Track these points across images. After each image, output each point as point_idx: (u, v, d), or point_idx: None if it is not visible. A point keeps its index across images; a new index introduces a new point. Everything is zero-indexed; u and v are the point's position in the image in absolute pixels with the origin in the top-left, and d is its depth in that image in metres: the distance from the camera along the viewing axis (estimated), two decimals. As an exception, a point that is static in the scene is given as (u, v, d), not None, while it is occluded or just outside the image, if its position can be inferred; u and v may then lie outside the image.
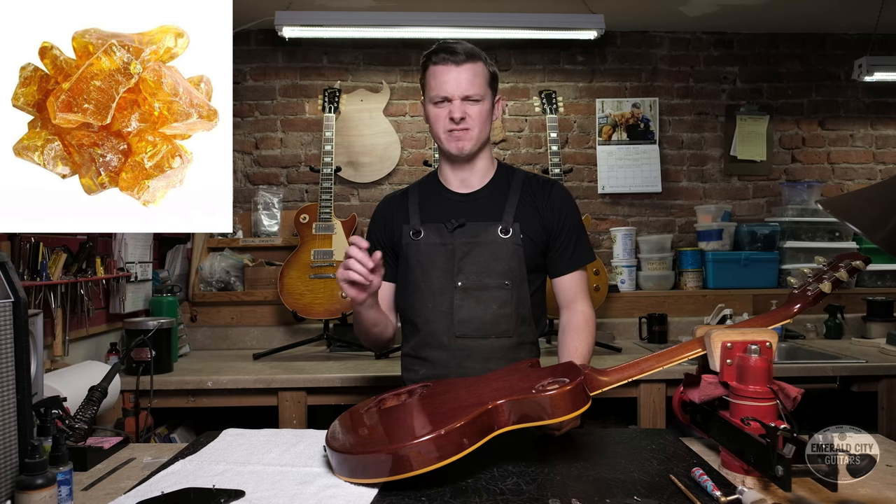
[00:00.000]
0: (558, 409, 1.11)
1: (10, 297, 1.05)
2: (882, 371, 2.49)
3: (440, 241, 1.56)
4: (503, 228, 1.55)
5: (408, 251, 1.59)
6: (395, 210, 1.66)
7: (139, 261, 2.60)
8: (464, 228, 1.56)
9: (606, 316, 3.18)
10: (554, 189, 1.64)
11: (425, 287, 1.56)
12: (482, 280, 1.54)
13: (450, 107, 1.53)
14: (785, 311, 1.29)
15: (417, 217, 1.61)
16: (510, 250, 1.55)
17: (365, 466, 1.09)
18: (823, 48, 3.50)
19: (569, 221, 1.62)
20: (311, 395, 2.42)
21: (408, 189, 1.72)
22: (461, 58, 1.52)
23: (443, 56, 1.52)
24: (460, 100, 1.52)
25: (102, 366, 1.99)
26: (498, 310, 1.53)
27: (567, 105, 3.40)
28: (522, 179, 1.65)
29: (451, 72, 1.52)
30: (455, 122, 1.53)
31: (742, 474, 1.12)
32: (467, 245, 1.55)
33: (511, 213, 1.57)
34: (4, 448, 1.01)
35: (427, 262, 1.56)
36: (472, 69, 1.53)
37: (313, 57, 3.36)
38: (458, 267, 1.54)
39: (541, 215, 1.60)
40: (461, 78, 1.52)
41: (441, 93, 1.53)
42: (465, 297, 1.53)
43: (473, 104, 1.54)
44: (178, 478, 1.15)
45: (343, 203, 3.34)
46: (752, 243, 3.25)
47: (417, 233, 1.59)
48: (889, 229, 1.20)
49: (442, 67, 1.52)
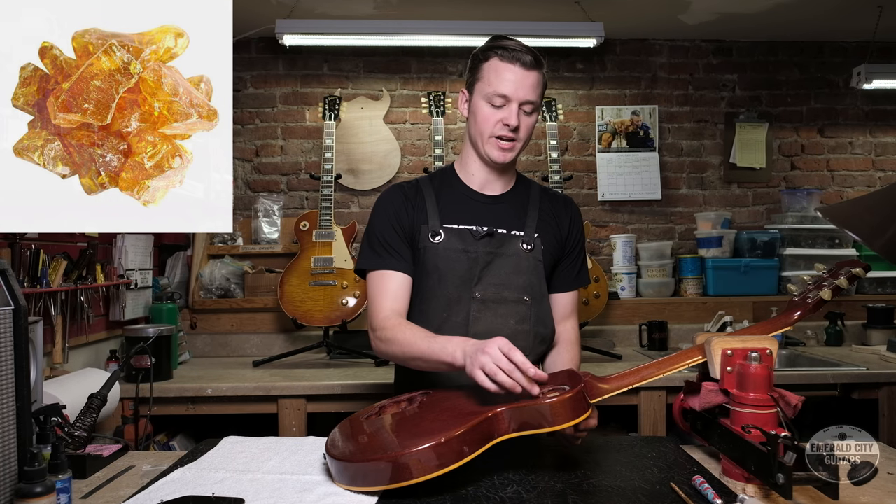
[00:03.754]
0: (559, 416, 1.11)
1: (11, 305, 1.05)
2: (883, 378, 2.49)
3: (462, 248, 1.46)
4: (525, 241, 1.49)
5: (425, 255, 1.47)
6: (412, 203, 1.51)
7: (139, 268, 2.60)
8: (491, 237, 1.47)
9: (606, 323, 3.18)
10: (571, 206, 1.62)
11: (441, 295, 1.47)
12: (501, 293, 1.47)
13: (507, 111, 1.42)
14: (785, 319, 1.30)
15: (437, 218, 1.48)
16: (531, 265, 1.49)
17: (365, 474, 1.08)
18: (822, 56, 3.51)
19: (580, 241, 1.61)
20: (310, 403, 2.41)
21: (418, 182, 1.56)
22: (530, 60, 1.41)
23: (512, 53, 1.40)
24: (518, 105, 1.42)
25: (102, 373, 1.99)
26: (516, 325, 1.46)
27: (567, 112, 3.41)
28: (539, 191, 1.60)
29: (518, 73, 1.40)
30: (510, 129, 1.43)
31: (743, 482, 1.11)
32: (490, 255, 1.47)
33: (532, 225, 1.52)
34: (3, 456, 1.01)
35: (445, 268, 1.46)
36: (538, 77, 1.43)
37: (314, 65, 3.37)
38: (478, 277, 1.46)
39: (560, 230, 1.56)
40: (527, 82, 1.41)
41: (502, 90, 1.40)
42: (482, 310, 1.46)
43: (528, 115, 1.45)
44: (178, 486, 1.15)
45: (343, 210, 3.35)
46: (751, 250, 3.25)
47: (437, 235, 1.47)
48: (888, 237, 1.20)
49: (508, 65, 1.41)
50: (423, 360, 1.32)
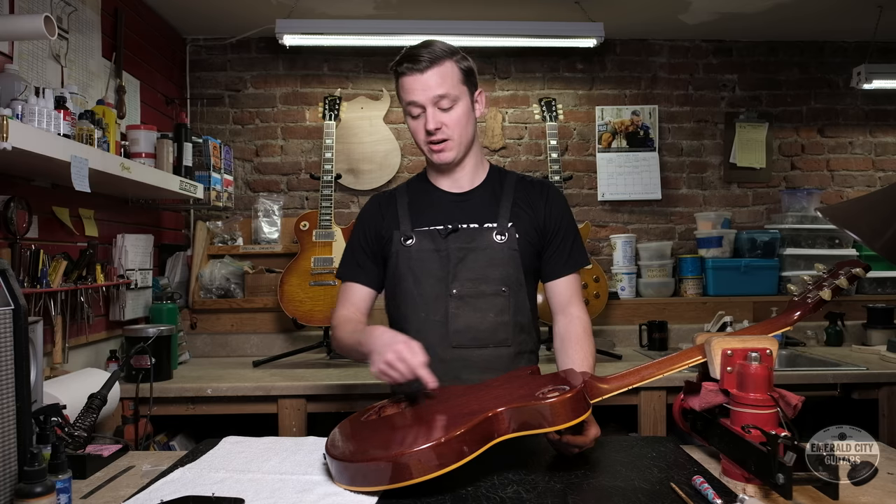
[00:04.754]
0: (558, 416, 1.11)
1: (10, 305, 1.05)
2: (883, 378, 2.49)
3: (433, 248, 1.50)
4: (498, 232, 1.50)
5: (399, 259, 1.52)
6: (383, 213, 1.58)
7: (139, 268, 2.60)
8: (458, 233, 1.50)
9: (606, 323, 3.18)
10: (548, 189, 1.60)
11: (418, 295, 1.50)
12: (478, 287, 1.48)
13: (423, 118, 1.47)
14: (785, 319, 1.29)
15: (408, 222, 1.54)
16: (507, 255, 1.50)
17: (365, 474, 1.08)
18: (822, 56, 3.51)
19: (564, 222, 1.57)
20: (310, 403, 2.41)
21: (395, 191, 1.64)
22: (424, 64, 1.44)
23: (406, 66, 1.45)
24: (433, 106, 1.45)
25: (102, 373, 1.99)
26: (495, 318, 1.48)
27: (567, 112, 3.41)
28: (515, 180, 1.60)
29: (417, 80, 1.45)
30: (431, 134, 1.47)
31: (743, 482, 1.11)
32: (462, 251, 1.49)
33: (506, 215, 1.52)
34: (3, 456, 1.01)
35: (419, 269, 1.50)
36: (439, 72, 1.45)
37: (314, 65, 3.37)
38: (453, 274, 1.48)
39: (536, 215, 1.55)
40: (430, 82, 1.44)
41: (410, 100, 1.46)
42: (460, 306, 1.48)
43: (447, 110, 1.47)
44: (178, 486, 1.15)
45: (343, 210, 3.35)
46: (751, 250, 3.25)
47: (408, 238, 1.52)
48: (888, 237, 1.20)
49: (408, 77, 1.46)
50: (356, 352, 1.43)
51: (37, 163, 1.75)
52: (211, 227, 3.19)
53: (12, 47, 1.94)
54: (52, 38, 1.65)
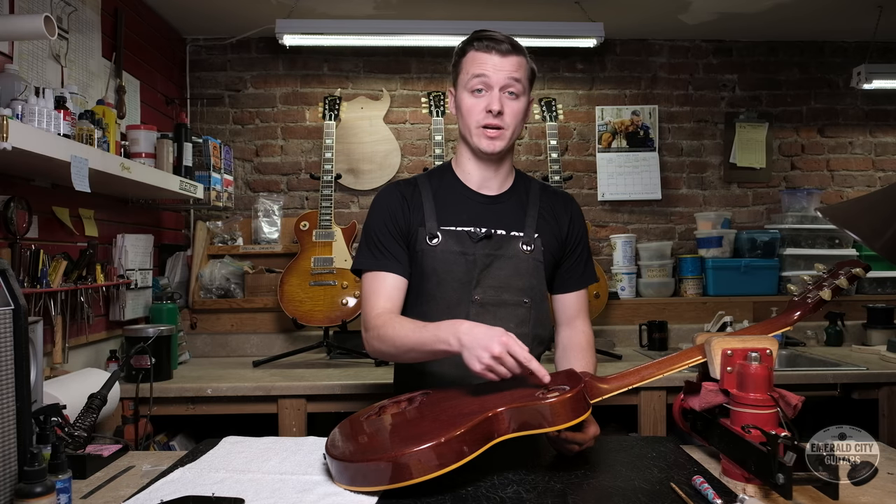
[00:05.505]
0: (558, 416, 1.11)
1: (10, 305, 1.05)
2: (883, 378, 2.49)
3: (460, 250, 1.44)
4: (525, 241, 1.47)
5: (423, 258, 1.45)
6: (409, 203, 1.49)
7: (139, 268, 2.60)
8: (489, 239, 1.45)
9: (606, 323, 3.17)
10: (572, 204, 1.59)
11: (440, 298, 1.45)
12: (500, 296, 1.45)
13: (489, 97, 1.41)
14: (785, 319, 1.30)
15: (434, 219, 1.47)
16: (531, 266, 1.47)
17: (365, 474, 1.08)
18: (822, 56, 3.51)
19: (583, 238, 1.58)
20: (310, 403, 2.41)
21: (416, 181, 1.54)
22: (506, 47, 1.41)
23: (486, 43, 1.41)
24: (500, 90, 1.41)
25: (102, 373, 1.99)
26: (515, 329, 1.40)
27: (567, 112, 3.41)
28: (539, 189, 1.57)
29: (494, 59, 1.40)
30: (493, 115, 1.41)
31: (743, 482, 1.11)
32: (489, 257, 1.45)
33: (532, 225, 1.49)
34: (3, 456, 1.01)
35: (444, 271, 1.44)
36: (518, 61, 1.42)
37: (314, 65, 3.37)
38: (477, 279, 1.44)
39: (560, 229, 1.54)
40: (506, 66, 1.41)
41: (481, 77, 1.41)
42: (481, 313, 1.43)
43: (513, 99, 1.43)
44: (178, 486, 1.15)
45: (343, 210, 3.35)
46: (751, 250, 3.25)
47: (434, 237, 1.45)
48: (888, 237, 1.20)
49: (484, 54, 1.41)
50: (417, 352, 1.32)
51: (37, 163, 1.75)
52: (211, 227, 3.19)
53: (12, 47, 1.94)
54: (52, 38, 1.65)
